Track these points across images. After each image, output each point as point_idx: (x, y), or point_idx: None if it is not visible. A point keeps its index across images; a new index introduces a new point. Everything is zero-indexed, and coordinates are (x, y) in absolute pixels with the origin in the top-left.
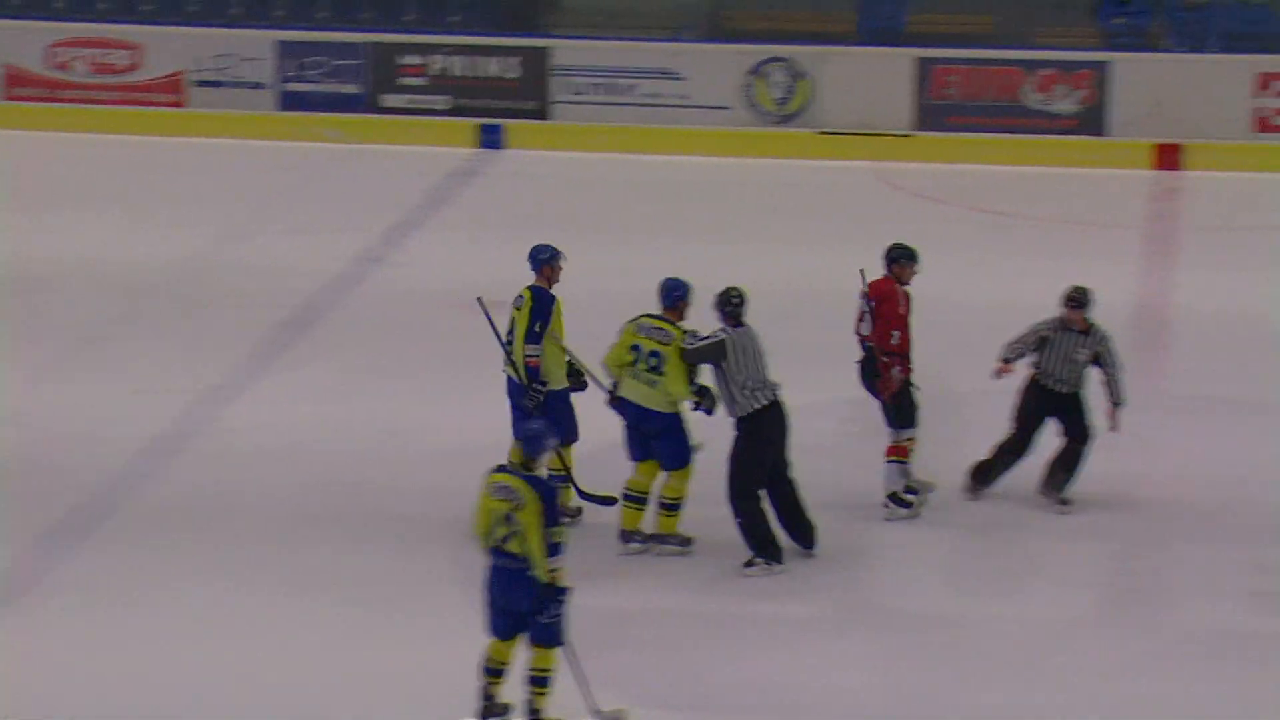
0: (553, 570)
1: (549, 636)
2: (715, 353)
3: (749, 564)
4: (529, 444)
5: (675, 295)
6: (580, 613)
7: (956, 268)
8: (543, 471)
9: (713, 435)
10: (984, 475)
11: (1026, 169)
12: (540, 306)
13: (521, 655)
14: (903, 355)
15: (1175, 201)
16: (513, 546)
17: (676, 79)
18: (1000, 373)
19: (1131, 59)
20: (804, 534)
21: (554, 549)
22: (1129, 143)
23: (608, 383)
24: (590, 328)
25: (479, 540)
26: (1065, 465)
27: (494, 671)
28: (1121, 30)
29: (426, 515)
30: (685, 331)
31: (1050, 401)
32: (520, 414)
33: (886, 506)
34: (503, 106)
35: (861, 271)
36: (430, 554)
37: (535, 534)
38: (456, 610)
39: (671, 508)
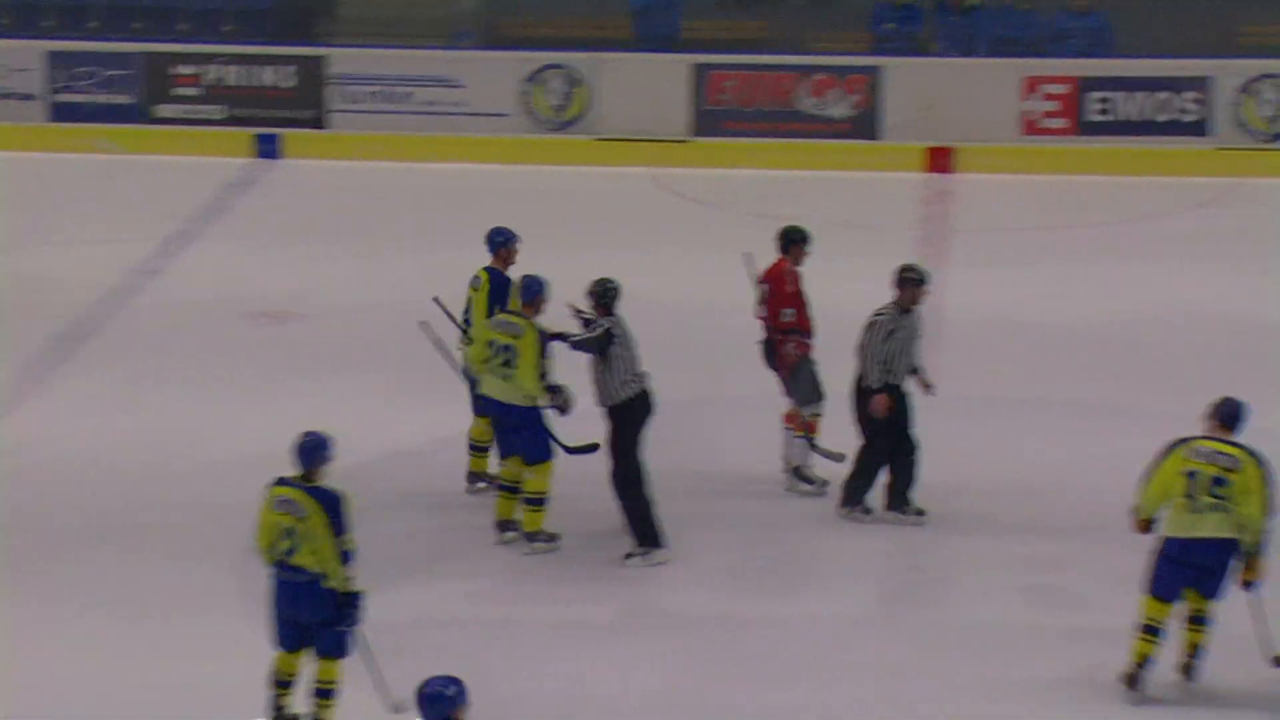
0: (348, 578)
1: (335, 648)
2: (604, 341)
3: (628, 556)
4: (306, 455)
5: (533, 292)
6: (368, 619)
7: (734, 270)
8: (324, 481)
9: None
10: (855, 493)
11: (802, 173)
12: (497, 288)
13: (309, 666)
14: (800, 332)
15: (947, 204)
16: (299, 559)
17: (454, 86)
18: (888, 408)
19: (903, 63)
20: None
21: (346, 556)
22: (901, 146)
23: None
24: (370, 337)
25: (261, 554)
26: (907, 478)
27: (283, 683)
28: (892, 35)
29: (206, 527)
30: (562, 331)
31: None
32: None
33: (787, 474)
34: (279, 116)
35: (747, 255)
36: (212, 566)
37: (326, 545)
38: (241, 621)
39: (534, 503)
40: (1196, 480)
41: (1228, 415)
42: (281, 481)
